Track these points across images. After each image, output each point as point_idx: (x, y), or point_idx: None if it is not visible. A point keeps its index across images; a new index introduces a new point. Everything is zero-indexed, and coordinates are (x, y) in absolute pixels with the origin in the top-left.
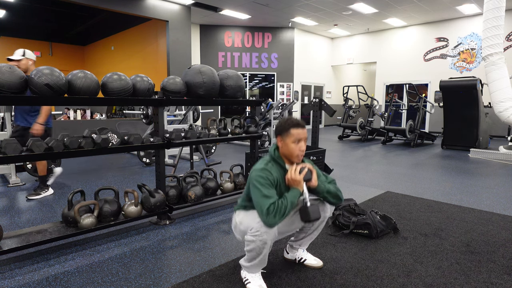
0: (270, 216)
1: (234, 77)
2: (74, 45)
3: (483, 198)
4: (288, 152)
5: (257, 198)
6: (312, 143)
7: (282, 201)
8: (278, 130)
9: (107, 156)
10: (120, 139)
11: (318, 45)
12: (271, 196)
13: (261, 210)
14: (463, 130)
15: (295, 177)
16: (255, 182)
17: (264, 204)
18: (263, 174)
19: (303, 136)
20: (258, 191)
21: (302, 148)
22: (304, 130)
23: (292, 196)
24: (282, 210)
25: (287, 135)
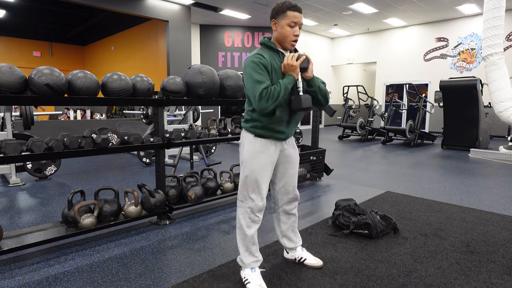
0: (262, 101)
1: (234, 77)
2: (74, 45)
3: (483, 198)
4: (282, 36)
5: (249, 85)
6: (312, 143)
7: (275, 87)
8: (274, 11)
9: (107, 156)
10: (120, 139)
11: (318, 45)
12: (263, 81)
13: (253, 95)
14: (463, 130)
15: (291, 62)
16: (248, 69)
17: (256, 89)
18: (255, 59)
19: (299, 20)
20: (250, 77)
21: (296, 33)
22: (301, 14)
23: (286, 81)
24: (275, 95)
25: (283, 16)
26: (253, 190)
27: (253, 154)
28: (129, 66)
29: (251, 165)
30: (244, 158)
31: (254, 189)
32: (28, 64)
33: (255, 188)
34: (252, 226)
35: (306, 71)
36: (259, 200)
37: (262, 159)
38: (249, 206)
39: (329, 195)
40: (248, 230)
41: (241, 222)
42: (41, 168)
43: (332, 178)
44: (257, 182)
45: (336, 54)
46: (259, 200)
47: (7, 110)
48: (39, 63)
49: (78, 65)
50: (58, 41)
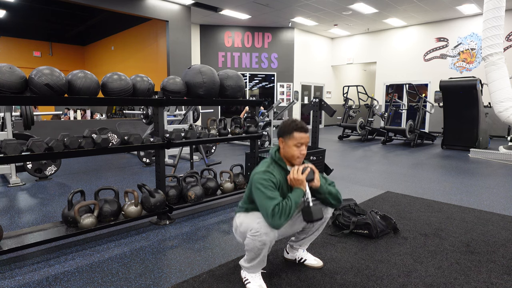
0: (275, 218)
1: (234, 77)
2: (74, 45)
3: (483, 198)
4: (289, 155)
5: (260, 201)
6: (312, 143)
7: (287, 202)
8: (281, 131)
9: (107, 156)
10: (120, 139)
11: (318, 45)
12: (275, 198)
13: (266, 212)
14: (463, 130)
15: (297, 176)
16: (258, 185)
17: (269, 206)
18: (266, 176)
19: (306, 140)
20: (261, 193)
21: (303, 152)
22: (307, 134)
23: (295, 196)
24: (287, 211)
25: (290, 137)
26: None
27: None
28: (129, 66)
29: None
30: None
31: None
32: (28, 64)
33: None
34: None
35: (313, 181)
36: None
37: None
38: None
39: None
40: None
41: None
42: (41, 168)
43: (332, 178)
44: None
45: (336, 54)
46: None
47: (7, 110)
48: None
49: (78, 65)
50: (58, 41)
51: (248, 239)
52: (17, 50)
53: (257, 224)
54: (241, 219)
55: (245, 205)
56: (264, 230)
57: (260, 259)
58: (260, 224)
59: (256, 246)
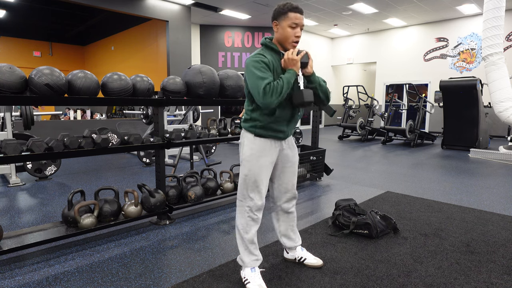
0: (267, 96)
1: (234, 77)
2: (74, 45)
3: (483, 198)
4: (283, 37)
5: (252, 81)
6: (312, 143)
7: (278, 82)
8: (275, 13)
9: (107, 156)
10: (120, 139)
11: (318, 45)
12: (266, 77)
13: (257, 91)
14: (463, 130)
15: (292, 56)
16: (250, 67)
17: (260, 85)
18: (257, 58)
19: (301, 21)
20: (252, 74)
21: (298, 34)
22: (302, 15)
23: (288, 76)
24: (278, 89)
25: (285, 18)
26: (252, 189)
27: (253, 153)
28: (129, 66)
29: (250, 164)
30: (243, 157)
31: (253, 188)
32: (28, 64)
33: (254, 188)
34: (251, 226)
35: (306, 67)
36: (258, 199)
37: (262, 158)
38: (248, 205)
39: (329, 195)
40: (247, 229)
41: (240, 221)
42: (41, 168)
43: (332, 178)
44: (256, 182)
45: (336, 54)
46: (258, 199)
47: (7, 110)
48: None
49: (78, 65)
50: (58, 41)
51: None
52: (17, 50)
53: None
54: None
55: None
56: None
57: (248, 239)
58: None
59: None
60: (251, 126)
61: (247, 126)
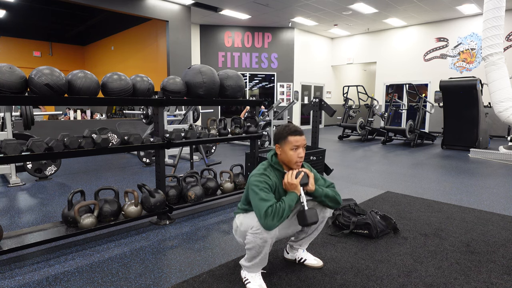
0: (268, 219)
1: (234, 77)
2: (74, 45)
3: (483, 198)
4: (287, 159)
5: (255, 202)
6: (312, 143)
7: (280, 204)
8: (276, 137)
9: (107, 156)
10: (120, 139)
11: (318, 45)
12: (268, 200)
13: (259, 213)
14: (463, 130)
15: (291, 181)
16: (253, 187)
17: (262, 207)
18: (261, 178)
19: (301, 143)
20: (256, 195)
21: (301, 155)
22: (302, 137)
23: (289, 199)
24: (280, 213)
25: (285, 142)
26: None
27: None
28: (129, 66)
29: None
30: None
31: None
32: (28, 64)
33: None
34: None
35: (307, 185)
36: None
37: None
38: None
39: None
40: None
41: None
42: (41, 168)
43: (332, 178)
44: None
45: (336, 54)
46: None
47: (7, 110)
48: (39, 63)
49: (78, 65)
50: (58, 41)
51: (249, 237)
52: (17, 50)
53: (257, 222)
54: (240, 219)
55: (244, 206)
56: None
57: (261, 258)
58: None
59: (258, 244)
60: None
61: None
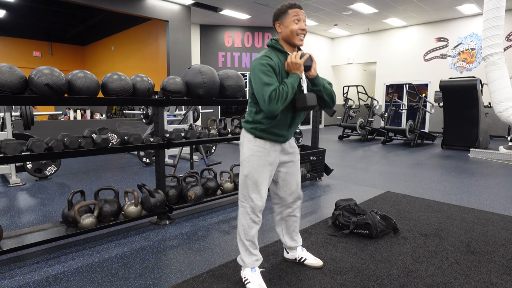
0: (272, 103)
1: (234, 77)
2: (74, 45)
3: (483, 198)
4: (288, 33)
5: (258, 87)
6: (312, 143)
7: (283, 87)
8: (275, 16)
9: (107, 156)
10: (120, 139)
11: (318, 45)
12: (271, 84)
13: (263, 98)
14: (463, 130)
15: (295, 60)
16: (256, 71)
17: (266, 92)
18: (263, 60)
19: (302, 15)
20: (258, 79)
21: (303, 27)
22: (302, 10)
23: (292, 80)
24: (283, 96)
25: (286, 16)
26: (253, 190)
27: (252, 154)
28: (129, 66)
29: (250, 165)
30: (243, 158)
31: (253, 189)
32: (28, 64)
33: (254, 188)
34: (252, 227)
35: (310, 70)
36: (258, 199)
37: (261, 159)
38: (249, 205)
39: (329, 195)
40: (248, 230)
41: (242, 222)
42: (41, 168)
43: (332, 178)
44: (256, 182)
45: (336, 54)
46: (258, 199)
47: (7, 110)
48: (39, 63)
49: (78, 65)
50: (58, 41)
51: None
52: (17, 50)
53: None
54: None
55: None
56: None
57: (249, 240)
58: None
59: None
60: (252, 128)
61: (248, 127)
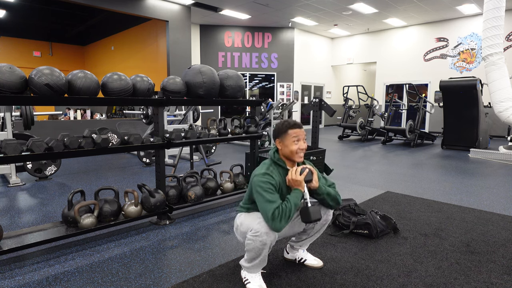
0: (276, 221)
1: (234, 77)
2: (74, 45)
3: (483, 198)
4: (289, 152)
5: (261, 204)
6: (312, 143)
7: (286, 204)
8: (276, 133)
9: (107, 156)
10: (120, 139)
11: (318, 45)
12: (274, 201)
13: (266, 216)
14: (463, 130)
15: (295, 177)
16: (258, 188)
17: (269, 210)
18: (265, 178)
19: (302, 134)
20: (261, 197)
21: (302, 146)
22: (301, 129)
23: (294, 197)
24: (287, 214)
25: (285, 136)
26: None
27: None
28: (129, 66)
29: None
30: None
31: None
32: (28, 64)
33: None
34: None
35: (311, 182)
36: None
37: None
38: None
39: None
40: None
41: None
42: (41, 168)
43: (332, 178)
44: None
45: (336, 54)
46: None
47: (7, 110)
48: (39, 63)
49: (78, 65)
50: (58, 41)
51: (248, 239)
52: (17, 50)
53: (257, 224)
54: (241, 219)
55: (246, 205)
56: (265, 230)
57: (260, 259)
58: (261, 225)
59: (257, 246)
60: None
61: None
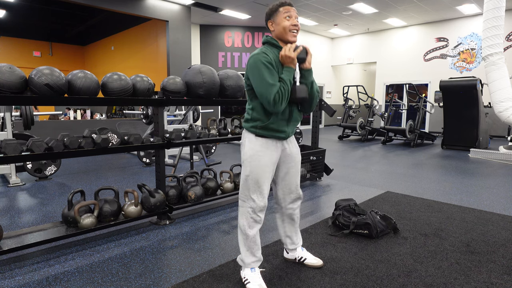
0: (277, 104)
1: (234, 77)
2: (74, 45)
3: (483, 198)
4: (281, 29)
5: (261, 88)
6: (312, 143)
7: (283, 86)
8: (267, 14)
9: (107, 156)
10: (120, 139)
11: (318, 45)
12: (275, 84)
13: (267, 100)
14: (463, 130)
15: (289, 53)
16: (257, 69)
17: (270, 94)
18: (263, 58)
19: (293, 12)
20: (261, 79)
21: (294, 22)
22: (293, 7)
23: (287, 76)
24: (285, 95)
25: (277, 14)
26: (254, 190)
27: (254, 153)
28: (129, 66)
29: (252, 165)
30: (245, 158)
31: (255, 189)
32: (28, 64)
33: (256, 188)
34: (254, 226)
35: (304, 62)
36: (260, 200)
37: (263, 158)
38: (250, 206)
39: (329, 195)
40: (250, 230)
41: (243, 222)
42: (41, 168)
43: (332, 178)
44: (258, 182)
45: (336, 54)
46: (260, 200)
47: (7, 110)
48: (39, 63)
49: (78, 65)
50: (58, 41)
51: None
52: (17, 50)
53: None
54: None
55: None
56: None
57: (251, 240)
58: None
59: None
60: (252, 127)
61: (248, 126)
